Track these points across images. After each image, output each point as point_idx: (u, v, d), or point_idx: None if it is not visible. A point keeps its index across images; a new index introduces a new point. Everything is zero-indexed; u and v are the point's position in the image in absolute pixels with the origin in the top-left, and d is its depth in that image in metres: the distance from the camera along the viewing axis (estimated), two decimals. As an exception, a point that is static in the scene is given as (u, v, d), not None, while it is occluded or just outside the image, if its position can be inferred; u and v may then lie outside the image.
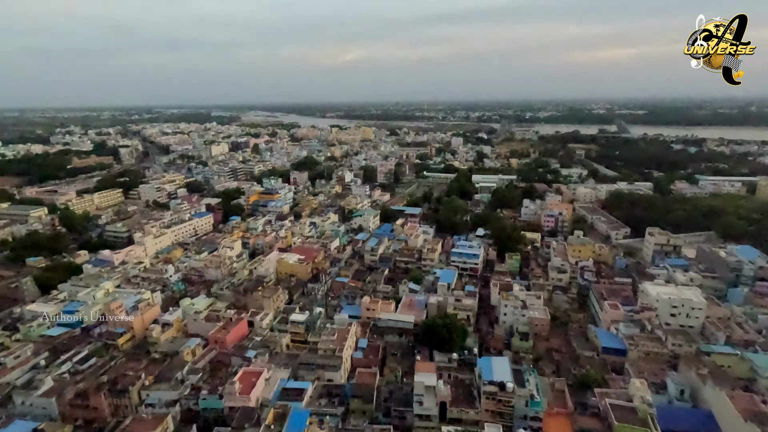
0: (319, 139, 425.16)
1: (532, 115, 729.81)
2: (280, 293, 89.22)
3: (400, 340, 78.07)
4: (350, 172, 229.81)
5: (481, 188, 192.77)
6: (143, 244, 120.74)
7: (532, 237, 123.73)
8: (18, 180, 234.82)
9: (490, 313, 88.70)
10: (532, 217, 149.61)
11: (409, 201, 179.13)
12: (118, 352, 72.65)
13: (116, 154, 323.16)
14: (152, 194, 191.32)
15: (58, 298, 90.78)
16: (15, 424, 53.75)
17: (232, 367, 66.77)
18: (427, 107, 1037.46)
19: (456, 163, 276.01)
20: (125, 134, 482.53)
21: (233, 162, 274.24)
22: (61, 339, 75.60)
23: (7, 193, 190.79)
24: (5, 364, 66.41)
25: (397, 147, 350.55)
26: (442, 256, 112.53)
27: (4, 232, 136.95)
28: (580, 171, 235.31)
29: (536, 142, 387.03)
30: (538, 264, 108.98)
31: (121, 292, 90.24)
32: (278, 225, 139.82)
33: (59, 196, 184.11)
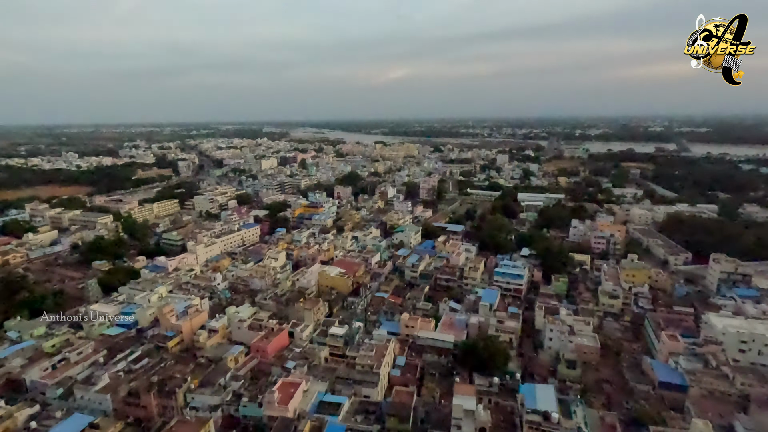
0: (364, 154, 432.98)
1: (582, 132, 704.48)
2: (320, 305, 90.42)
3: (438, 359, 76.40)
4: (393, 188, 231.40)
5: (526, 207, 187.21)
6: (195, 252, 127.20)
7: (580, 259, 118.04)
8: (90, 189, 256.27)
9: (535, 338, 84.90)
10: (580, 238, 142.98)
11: (452, 218, 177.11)
12: (167, 355, 76.17)
13: (175, 167, 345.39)
14: (205, 205, 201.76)
15: (118, 300, 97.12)
16: (74, 416, 57.47)
17: (272, 376, 68.04)
18: (472, 124, 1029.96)
19: (501, 180, 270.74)
20: (184, 148, 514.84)
21: (281, 176, 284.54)
22: (119, 339, 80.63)
23: (79, 201, 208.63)
24: (69, 359, 71.53)
25: (441, 163, 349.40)
26: (485, 275, 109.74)
27: (75, 237, 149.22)
28: (634, 191, 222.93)
29: (586, 160, 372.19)
30: (587, 288, 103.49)
31: (173, 298, 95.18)
32: (321, 238, 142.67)
33: (123, 204, 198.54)
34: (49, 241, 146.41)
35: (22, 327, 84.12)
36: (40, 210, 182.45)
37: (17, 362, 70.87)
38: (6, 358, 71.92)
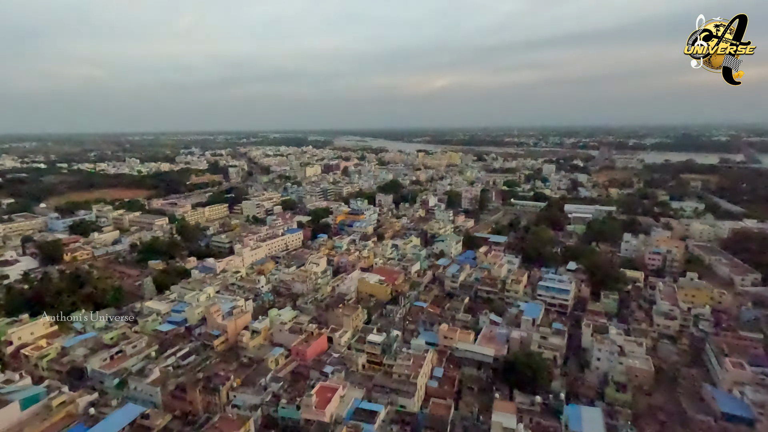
0: (406, 163, 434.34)
1: (636, 142, 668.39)
2: (359, 312, 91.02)
3: (477, 373, 74.50)
4: (434, 197, 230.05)
5: (574, 219, 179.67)
6: (241, 255, 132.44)
7: (633, 275, 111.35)
8: (149, 192, 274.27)
9: (581, 356, 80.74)
10: (633, 253, 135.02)
11: (494, 229, 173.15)
12: (213, 353, 79.34)
13: (226, 173, 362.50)
14: (252, 210, 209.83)
15: (170, 298, 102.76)
16: (127, 406, 61.07)
17: (310, 380, 69.10)
18: (517, 133, 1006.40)
19: (547, 191, 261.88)
20: (234, 155, 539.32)
21: (324, 183, 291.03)
22: (169, 335, 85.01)
23: (139, 204, 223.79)
24: (125, 352, 76.30)
25: (484, 173, 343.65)
26: (528, 288, 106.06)
27: (134, 237, 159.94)
28: (695, 204, 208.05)
29: (641, 171, 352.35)
30: (639, 306, 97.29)
31: (220, 298, 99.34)
32: (362, 245, 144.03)
33: (178, 208, 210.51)
34: (111, 241, 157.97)
35: (86, 319, 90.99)
36: (104, 211, 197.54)
37: (80, 351, 76.49)
38: (71, 347, 77.87)
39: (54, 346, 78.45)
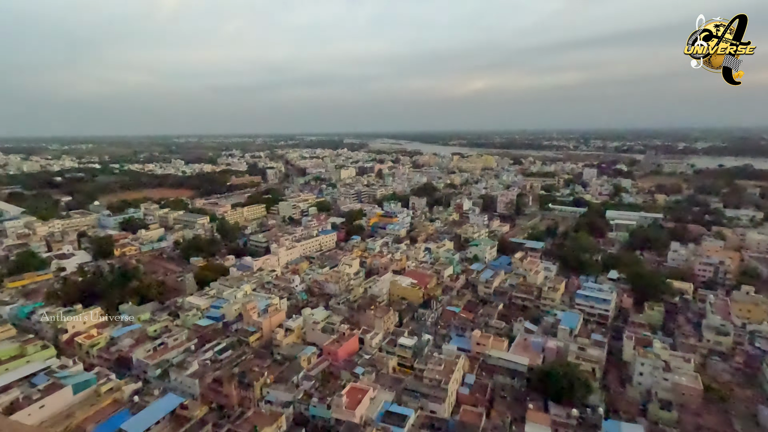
0: (440, 166, 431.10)
1: (686, 145, 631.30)
2: (390, 314, 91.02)
3: (511, 382, 72.61)
4: (469, 200, 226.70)
5: (616, 226, 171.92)
6: (277, 254, 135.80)
7: (680, 287, 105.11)
8: (192, 192, 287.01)
9: (621, 370, 77.04)
10: (681, 263, 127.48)
11: (531, 234, 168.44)
12: (248, 348, 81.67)
13: (264, 174, 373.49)
14: (288, 211, 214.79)
15: (209, 294, 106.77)
16: (168, 396, 63.99)
17: (341, 380, 69.75)
18: (556, 136, 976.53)
19: (587, 196, 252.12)
20: (272, 157, 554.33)
21: (358, 185, 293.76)
22: (208, 329, 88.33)
23: (183, 203, 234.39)
24: (167, 344, 79.95)
25: (521, 177, 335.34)
26: (565, 297, 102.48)
27: (178, 235, 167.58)
28: (752, 213, 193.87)
29: (691, 176, 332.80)
30: (687, 320, 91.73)
31: (256, 295, 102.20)
32: (394, 247, 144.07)
33: (218, 207, 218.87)
34: (156, 238, 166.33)
35: (132, 311, 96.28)
36: (151, 210, 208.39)
37: (127, 342, 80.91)
38: (119, 338, 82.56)
39: (103, 336, 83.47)
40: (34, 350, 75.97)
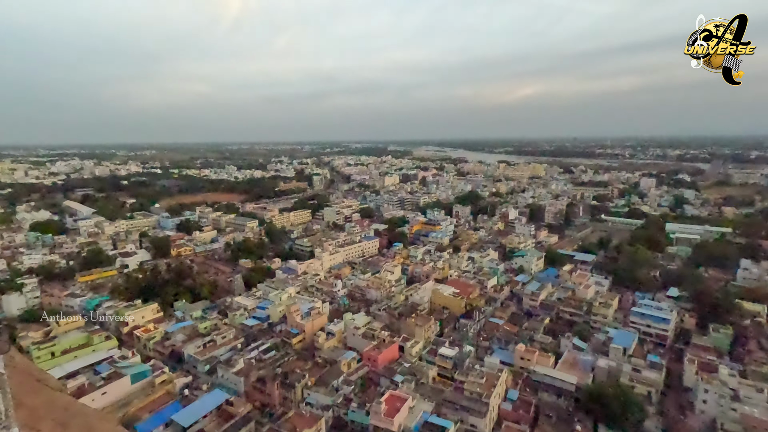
0: (485, 174, 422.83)
1: (759, 154, 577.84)
2: (432, 323, 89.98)
3: (557, 401, 69.21)
4: (515, 210, 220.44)
5: (677, 240, 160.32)
6: (321, 259, 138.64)
7: (752, 309, 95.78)
8: (243, 197, 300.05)
9: (681, 396, 71.27)
10: (753, 282, 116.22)
11: (581, 246, 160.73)
12: (291, 350, 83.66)
13: (310, 181, 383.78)
14: (333, 216, 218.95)
15: (256, 295, 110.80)
16: (215, 392, 66.77)
17: (380, 387, 69.68)
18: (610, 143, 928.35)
19: (645, 207, 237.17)
20: (318, 164, 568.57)
21: (402, 192, 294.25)
22: (254, 329, 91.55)
23: (234, 207, 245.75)
24: (216, 341, 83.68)
25: (571, 186, 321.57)
26: (618, 314, 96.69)
27: (229, 237, 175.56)
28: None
29: (765, 188, 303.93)
30: (760, 345, 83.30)
31: (300, 298, 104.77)
32: (437, 256, 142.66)
33: (267, 212, 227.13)
34: (209, 239, 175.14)
35: (185, 308, 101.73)
36: (205, 213, 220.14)
37: (180, 337, 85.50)
38: (173, 333, 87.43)
39: (159, 330, 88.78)
40: (99, 341, 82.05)
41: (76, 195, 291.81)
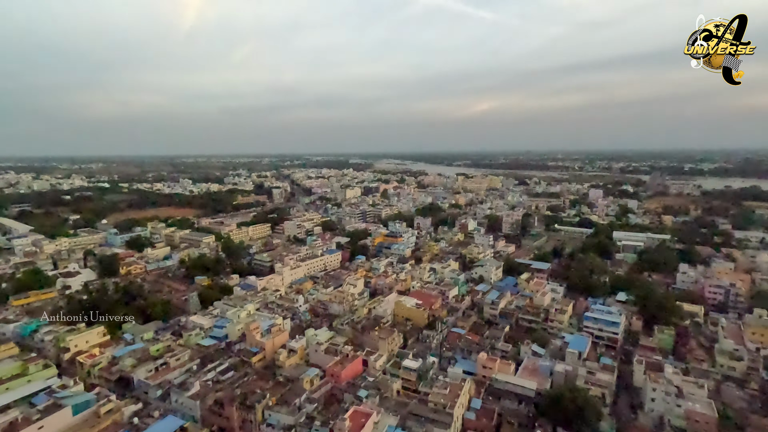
0: (445, 186, 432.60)
1: (692, 167, 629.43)
2: (395, 336, 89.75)
3: (518, 407, 70.64)
4: (474, 221, 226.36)
5: (623, 247, 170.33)
6: (281, 274, 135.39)
7: (691, 310, 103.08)
8: (199, 211, 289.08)
9: (632, 396, 75.03)
10: (691, 285, 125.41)
11: (537, 255, 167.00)
12: (250, 370, 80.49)
13: (270, 194, 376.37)
14: (293, 230, 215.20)
15: (213, 313, 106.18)
16: (168, 418, 62.87)
17: (344, 403, 68.30)
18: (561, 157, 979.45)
19: (594, 217, 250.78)
20: (278, 177, 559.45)
21: (364, 205, 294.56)
22: (210, 349, 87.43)
23: (189, 222, 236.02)
24: (169, 364, 79.12)
25: (526, 197, 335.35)
26: (573, 319, 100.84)
27: (183, 253, 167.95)
28: (762, 235, 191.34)
29: (698, 197, 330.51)
30: (699, 344, 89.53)
31: (260, 315, 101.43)
32: (399, 267, 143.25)
33: (224, 226, 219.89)
34: (162, 256, 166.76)
35: (135, 330, 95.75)
36: (157, 228, 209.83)
37: (129, 361, 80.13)
38: (121, 357, 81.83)
39: (105, 355, 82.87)
40: (36, 369, 75.44)
41: (10, 211, 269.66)
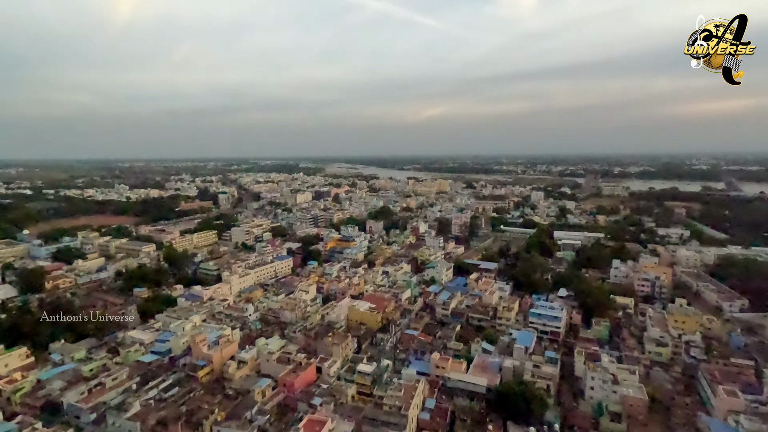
0: (396, 190, 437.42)
1: (621, 170, 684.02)
2: (349, 341, 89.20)
3: (470, 404, 72.72)
4: (425, 224, 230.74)
5: (563, 245, 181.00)
6: (229, 282, 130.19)
7: (623, 302, 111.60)
8: (137, 219, 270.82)
9: (574, 385, 79.60)
10: (622, 279, 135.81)
11: (485, 255, 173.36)
12: (197, 384, 76.52)
13: (215, 200, 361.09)
14: (241, 237, 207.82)
15: (154, 327, 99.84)
16: (104, 443, 58.19)
17: (297, 412, 66.87)
18: (506, 161, 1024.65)
19: (536, 218, 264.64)
20: (225, 182, 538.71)
21: (315, 210, 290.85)
22: (152, 366, 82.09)
23: (126, 230, 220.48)
24: (105, 384, 73.26)
25: (474, 200, 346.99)
26: (519, 315, 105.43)
27: (120, 264, 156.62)
28: (681, 231, 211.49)
29: (627, 198, 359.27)
30: (631, 334, 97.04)
31: (206, 327, 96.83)
32: (352, 272, 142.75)
33: (166, 234, 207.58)
34: (95, 268, 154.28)
35: (64, 350, 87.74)
36: (90, 238, 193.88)
37: (57, 385, 73.32)
38: (48, 380, 74.64)
39: (29, 379, 75.31)
40: (-56, 400, 66.99)
41: None
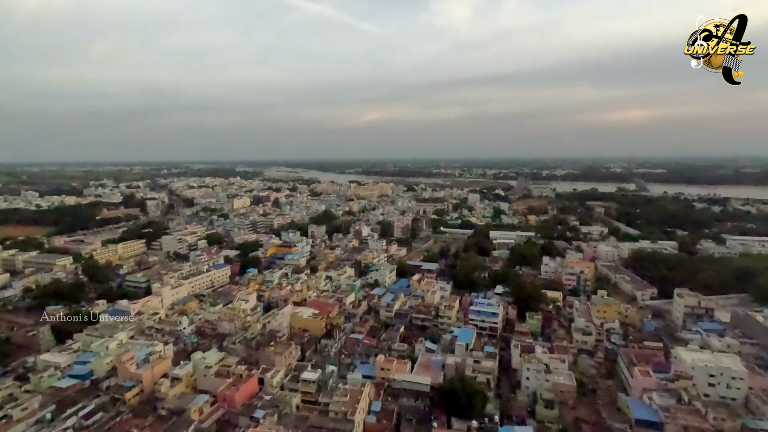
0: (338, 194, 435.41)
1: (548, 173, 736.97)
2: (292, 349, 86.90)
3: (415, 403, 73.80)
4: (367, 227, 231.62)
5: (498, 245, 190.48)
6: (160, 294, 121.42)
7: (553, 296, 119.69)
8: (49, 230, 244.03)
9: (512, 377, 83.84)
10: (552, 275, 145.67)
11: (426, 256, 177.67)
12: (124, 407, 70.44)
13: (143, 207, 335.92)
14: (173, 245, 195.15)
15: (72, 348, 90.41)
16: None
17: (239, 427, 63.88)
18: (444, 164, 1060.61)
19: (473, 219, 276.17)
20: (153, 188, 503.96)
21: (254, 215, 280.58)
22: (70, 391, 74.23)
23: (36, 242, 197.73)
24: (11, 417, 64.94)
25: (414, 202, 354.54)
26: (460, 313, 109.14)
27: (29, 280, 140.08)
28: (600, 228, 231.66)
29: (554, 199, 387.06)
30: (560, 325, 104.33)
31: (134, 344, 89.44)
32: (294, 278, 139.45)
33: (85, 245, 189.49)
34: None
35: (-40, 381, 76.54)
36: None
37: (-50, 422, 63.81)
38: (-62, 418, 64.71)
39: None
40: None
41: None
